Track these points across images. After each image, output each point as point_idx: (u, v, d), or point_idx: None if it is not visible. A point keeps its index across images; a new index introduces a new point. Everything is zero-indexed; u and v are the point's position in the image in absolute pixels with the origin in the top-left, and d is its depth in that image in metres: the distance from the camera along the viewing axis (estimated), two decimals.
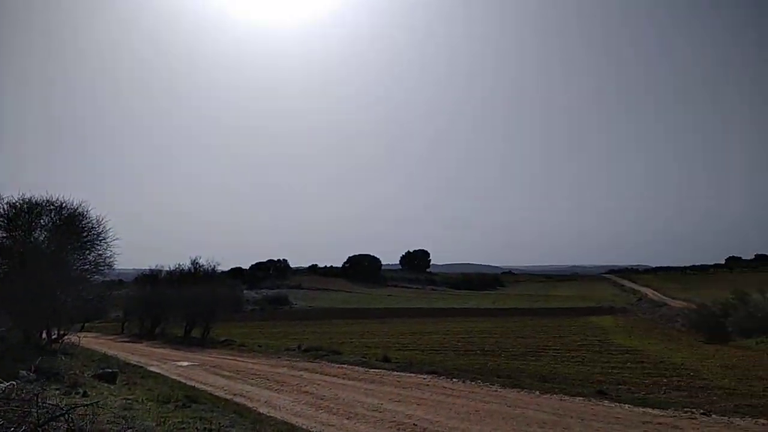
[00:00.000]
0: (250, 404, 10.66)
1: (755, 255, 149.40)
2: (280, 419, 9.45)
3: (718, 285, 72.25)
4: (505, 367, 17.79)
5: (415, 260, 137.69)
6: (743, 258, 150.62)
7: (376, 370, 15.21)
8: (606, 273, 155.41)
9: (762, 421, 8.57)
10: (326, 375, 14.59)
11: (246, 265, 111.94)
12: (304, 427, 8.80)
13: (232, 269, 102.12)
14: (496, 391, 11.82)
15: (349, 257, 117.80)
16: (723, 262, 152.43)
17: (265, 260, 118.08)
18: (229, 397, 11.47)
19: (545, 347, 24.88)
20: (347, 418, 9.26)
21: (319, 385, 12.89)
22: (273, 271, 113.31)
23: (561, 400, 10.71)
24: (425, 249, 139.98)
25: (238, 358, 19.78)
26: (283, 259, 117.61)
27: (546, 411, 9.57)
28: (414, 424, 8.66)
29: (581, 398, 10.80)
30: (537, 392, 11.58)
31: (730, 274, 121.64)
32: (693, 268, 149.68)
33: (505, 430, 8.22)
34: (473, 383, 12.84)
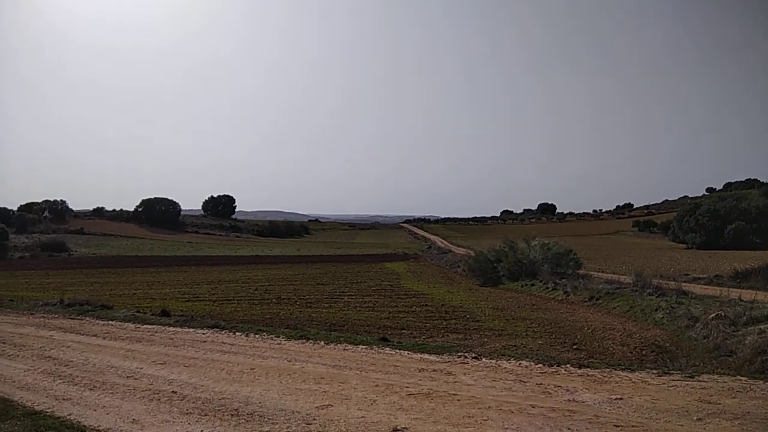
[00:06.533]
0: None
1: (523, 209, 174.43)
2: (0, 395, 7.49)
3: (493, 234, 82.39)
4: (297, 316, 17.36)
5: (219, 206, 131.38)
6: (514, 211, 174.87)
7: (149, 326, 13.44)
8: (403, 222, 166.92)
9: (524, 362, 9.19)
10: (83, 335, 12.39)
11: (13, 206, 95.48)
12: (29, 403, 7.03)
13: None
14: (279, 344, 11.10)
15: (143, 200, 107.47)
16: (498, 214, 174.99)
17: (39, 201, 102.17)
18: None
19: (341, 293, 25.18)
20: (90, 389, 7.65)
21: (69, 347, 10.79)
22: (49, 213, 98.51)
23: (344, 350, 10.41)
24: (230, 195, 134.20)
25: None
26: (62, 200, 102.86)
27: (326, 364, 9.11)
28: (173, 391, 7.45)
29: (364, 347, 10.63)
30: (322, 342, 11.15)
31: (503, 225, 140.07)
32: (474, 219, 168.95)
33: (277, 389, 7.49)
34: (257, 336, 11.95)
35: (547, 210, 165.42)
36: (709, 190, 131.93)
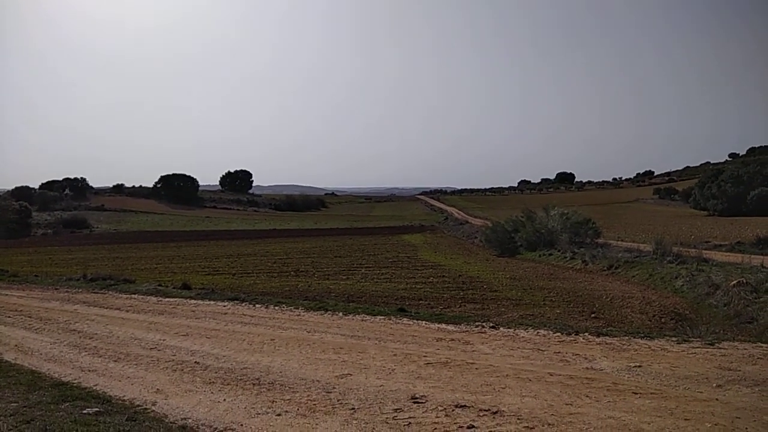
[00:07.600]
0: None
1: (541, 179, 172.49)
2: (28, 367, 7.71)
3: (511, 205, 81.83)
4: (315, 288, 17.55)
5: (237, 181, 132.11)
6: (532, 181, 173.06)
7: (171, 299, 13.68)
8: (419, 194, 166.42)
9: (542, 331, 9.19)
10: (107, 308, 12.67)
11: (35, 184, 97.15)
12: (56, 375, 7.23)
13: (17, 188, 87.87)
14: (299, 315, 11.24)
15: (162, 177, 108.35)
16: (516, 185, 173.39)
17: (60, 179, 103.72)
18: None
19: (359, 266, 25.34)
20: (115, 361, 7.84)
21: (93, 320, 11.05)
22: (69, 190, 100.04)
23: (362, 320, 10.50)
24: (247, 170, 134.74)
25: (2, 291, 16.55)
26: (82, 178, 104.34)
27: (345, 334, 9.21)
28: (196, 362, 7.61)
29: (382, 317, 10.71)
30: (340, 314, 11.26)
31: (521, 195, 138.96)
32: (492, 190, 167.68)
33: (298, 359, 7.61)
34: (277, 308, 12.11)
35: (565, 179, 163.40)
36: (732, 155, 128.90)
